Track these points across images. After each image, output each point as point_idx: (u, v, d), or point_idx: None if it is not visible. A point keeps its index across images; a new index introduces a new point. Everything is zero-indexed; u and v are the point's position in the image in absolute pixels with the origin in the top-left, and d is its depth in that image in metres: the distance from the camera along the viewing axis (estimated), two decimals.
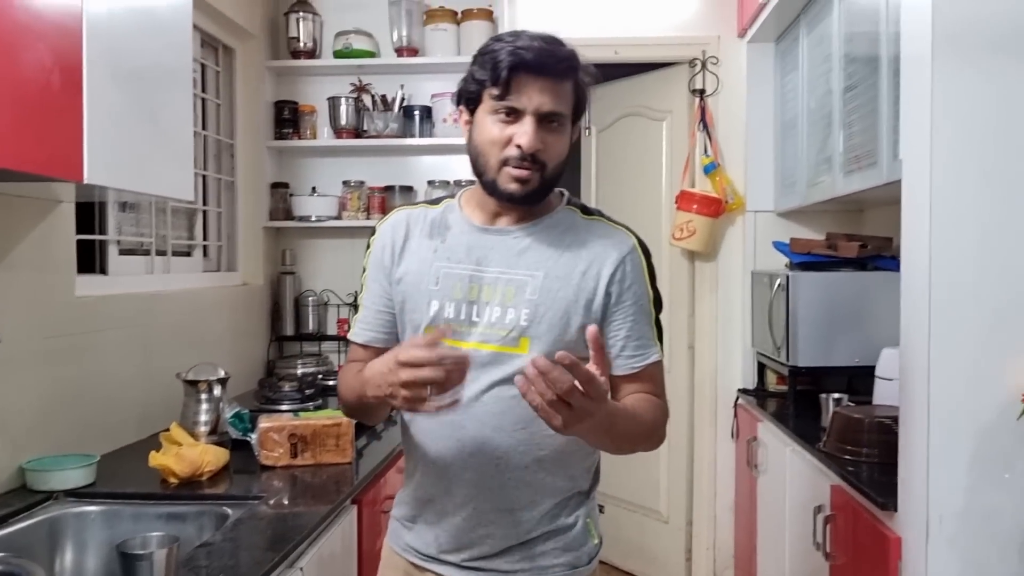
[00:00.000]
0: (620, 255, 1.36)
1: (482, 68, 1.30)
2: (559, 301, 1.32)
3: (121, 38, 1.63)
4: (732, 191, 3.38)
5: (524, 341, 1.31)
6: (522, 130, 1.28)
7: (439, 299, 1.34)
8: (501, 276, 1.34)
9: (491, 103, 1.30)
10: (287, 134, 3.38)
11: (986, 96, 1.56)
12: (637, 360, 1.37)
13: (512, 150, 1.28)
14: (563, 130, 1.33)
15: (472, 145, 1.35)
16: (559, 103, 1.30)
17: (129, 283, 2.44)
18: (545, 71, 1.28)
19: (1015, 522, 1.53)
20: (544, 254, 1.35)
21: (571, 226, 1.39)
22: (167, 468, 1.88)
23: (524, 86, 1.27)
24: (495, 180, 1.31)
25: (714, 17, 3.44)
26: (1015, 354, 1.55)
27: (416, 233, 1.41)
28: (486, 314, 1.33)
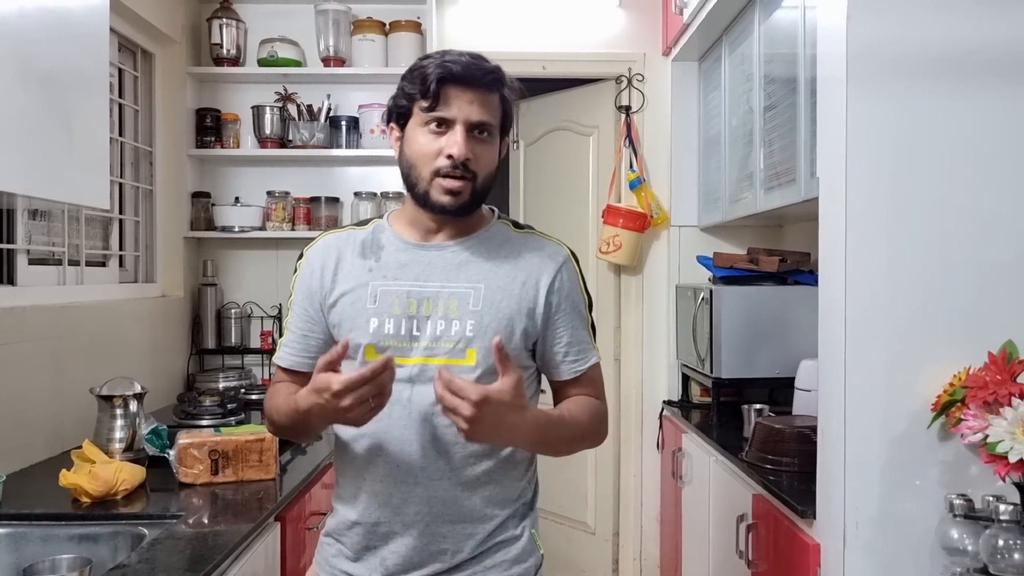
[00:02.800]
0: (557, 265, 1.41)
1: (411, 83, 1.34)
2: (502, 311, 1.35)
3: (32, 40, 1.57)
4: (657, 206, 3.44)
5: (471, 352, 1.33)
6: (453, 139, 1.31)
7: (377, 316, 1.35)
8: (442, 290, 1.35)
9: (421, 116, 1.33)
10: (209, 142, 3.30)
11: (897, 117, 1.63)
12: (579, 364, 1.42)
13: (443, 160, 1.31)
14: (492, 141, 1.36)
15: (404, 159, 1.37)
16: (487, 114, 1.33)
17: (39, 294, 2.34)
18: (473, 83, 1.32)
19: (926, 527, 1.59)
20: (483, 267, 1.37)
21: (506, 239, 1.42)
22: (79, 487, 1.80)
23: (453, 97, 1.31)
24: (427, 192, 1.33)
25: (640, 35, 3.51)
26: (925, 365, 1.61)
27: (348, 255, 1.41)
28: (427, 328, 1.34)
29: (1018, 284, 1.62)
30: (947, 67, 1.62)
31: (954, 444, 1.59)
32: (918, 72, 1.62)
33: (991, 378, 1.49)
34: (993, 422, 1.43)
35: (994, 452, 1.40)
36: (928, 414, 1.60)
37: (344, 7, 3.32)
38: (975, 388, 1.49)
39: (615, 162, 3.51)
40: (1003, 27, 1.62)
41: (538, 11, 3.49)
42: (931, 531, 1.57)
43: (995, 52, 1.62)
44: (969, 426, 1.47)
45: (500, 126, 1.38)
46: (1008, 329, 1.57)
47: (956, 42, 1.62)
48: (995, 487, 1.51)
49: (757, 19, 2.64)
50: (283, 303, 3.39)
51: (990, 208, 1.63)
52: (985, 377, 1.50)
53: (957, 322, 1.62)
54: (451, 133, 1.31)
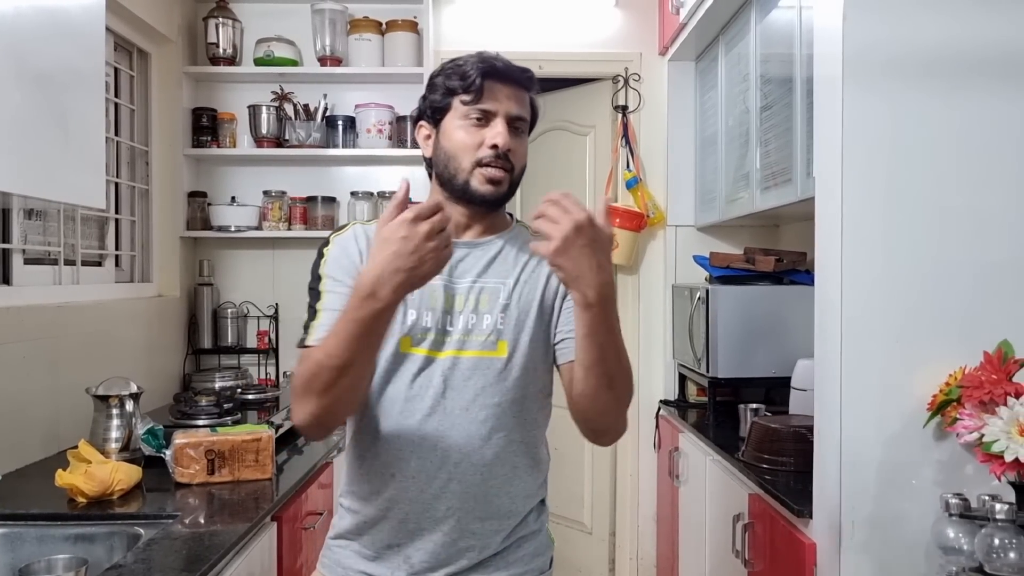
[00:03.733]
0: None
1: (451, 79, 1.36)
2: (528, 304, 1.37)
3: (28, 39, 1.56)
4: (653, 206, 3.44)
5: (502, 344, 1.34)
6: (496, 131, 1.34)
7: (416, 308, 1.33)
8: (474, 284, 1.37)
9: (462, 109, 1.35)
10: (205, 142, 3.30)
11: (892, 117, 1.63)
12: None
13: (486, 151, 1.34)
14: (525, 137, 1.41)
15: (441, 152, 1.38)
16: (523, 109, 1.39)
17: (35, 294, 2.33)
18: (512, 79, 1.38)
19: (922, 526, 1.59)
20: (511, 263, 1.40)
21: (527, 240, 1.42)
22: (75, 487, 1.80)
23: (494, 91, 1.35)
24: (467, 182, 1.35)
25: (636, 35, 3.52)
26: (921, 364, 1.62)
27: None
28: (459, 322, 1.35)
29: (1013, 283, 1.63)
30: (942, 67, 1.63)
31: (950, 443, 1.60)
32: (914, 72, 1.63)
33: (987, 378, 1.49)
34: (989, 421, 1.43)
35: (990, 451, 1.41)
36: (924, 414, 1.60)
37: (340, 7, 3.32)
38: (971, 388, 1.50)
39: (612, 162, 3.51)
40: (998, 28, 1.62)
41: (534, 11, 3.49)
42: (927, 530, 1.57)
43: (990, 53, 1.62)
44: (965, 425, 1.47)
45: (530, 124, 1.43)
46: (1003, 329, 1.57)
47: (951, 43, 1.63)
48: (990, 486, 1.51)
49: (753, 19, 2.64)
50: (280, 303, 3.39)
51: (985, 208, 1.63)
52: (981, 377, 1.50)
53: (953, 322, 1.63)
54: (493, 125, 1.35)
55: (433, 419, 1.32)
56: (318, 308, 1.34)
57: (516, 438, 1.35)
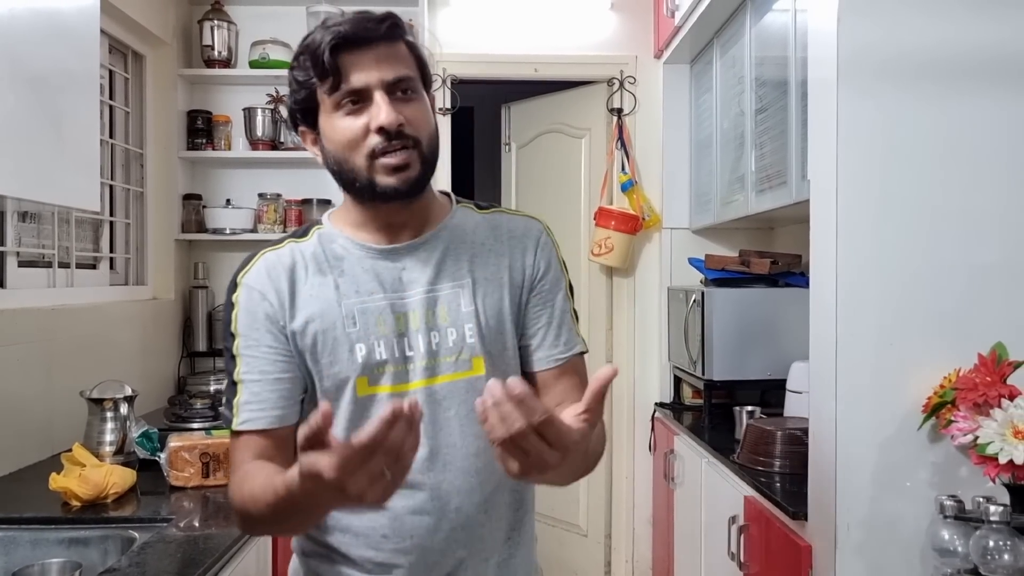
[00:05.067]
0: (535, 241, 1.24)
1: (304, 69, 1.12)
2: (496, 304, 1.18)
3: (22, 41, 1.56)
4: (649, 208, 3.44)
5: (477, 361, 1.15)
6: (376, 109, 1.09)
7: (364, 341, 1.13)
8: (427, 295, 1.16)
9: (329, 100, 1.11)
10: (200, 144, 3.29)
11: (887, 120, 1.64)
12: (566, 350, 1.22)
13: (374, 138, 1.09)
14: (420, 97, 1.14)
15: (330, 157, 1.15)
16: (402, 67, 1.12)
17: (29, 297, 2.33)
18: (371, 39, 1.10)
19: (917, 528, 1.59)
20: (463, 260, 1.19)
21: (477, 224, 1.23)
22: (69, 490, 1.79)
23: (355, 64, 1.09)
24: (371, 180, 1.11)
25: (631, 38, 3.52)
26: (915, 367, 1.62)
27: (302, 274, 1.17)
28: (420, 343, 1.14)
29: (1008, 286, 1.63)
30: (937, 70, 1.63)
31: (944, 445, 1.60)
32: (908, 75, 1.63)
33: (981, 380, 1.49)
34: (983, 424, 1.43)
35: (984, 453, 1.41)
36: (918, 416, 1.60)
37: (336, 9, 3.31)
38: (965, 390, 1.50)
39: (607, 164, 3.52)
40: (992, 31, 1.63)
41: (530, 13, 3.50)
42: (922, 532, 1.58)
43: (983, 56, 1.63)
44: (959, 428, 1.48)
45: (421, 78, 1.16)
46: (997, 331, 1.58)
47: (946, 46, 1.63)
48: (985, 488, 1.51)
49: (748, 22, 2.65)
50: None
51: (980, 210, 1.63)
52: (975, 379, 1.51)
53: (947, 324, 1.63)
54: (371, 105, 1.09)
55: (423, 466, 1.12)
56: (237, 380, 1.14)
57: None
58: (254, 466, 1.10)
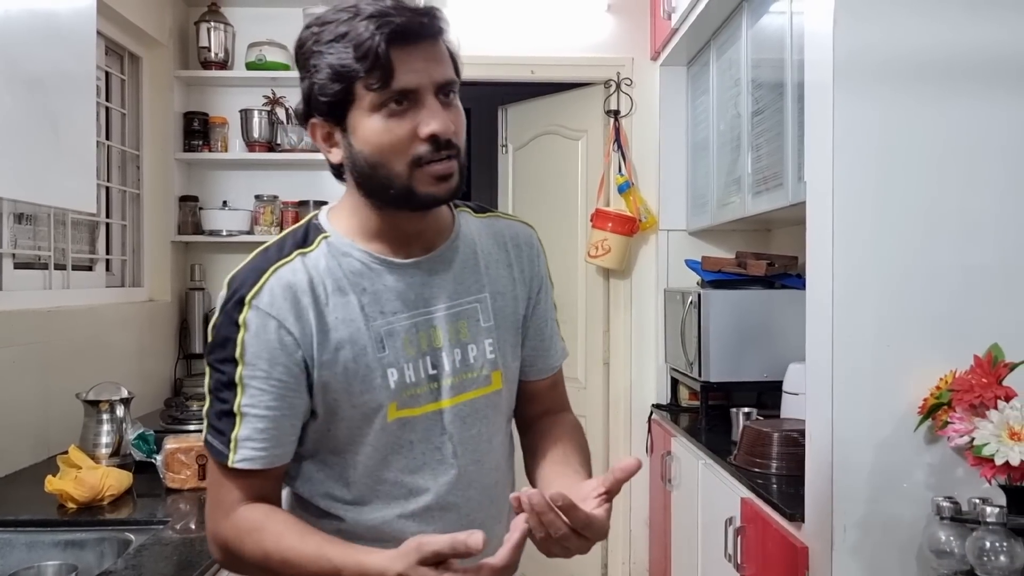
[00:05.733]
0: (533, 250, 1.23)
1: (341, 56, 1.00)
2: (509, 318, 1.17)
3: (18, 42, 1.56)
4: (645, 210, 3.45)
5: (496, 376, 1.14)
6: (427, 114, 1.01)
7: (395, 365, 1.07)
8: (448, 312, 1.11)
9: (372, 98, 1.00)
10: (197, 146, 3.29)
11: (883, 122, 1.64)
12: (554, 359, 1.26)
13: (422, 146, 1.01)
14: (458, 103, 1.07)
15: (359, 159, 1.04)
16: (447, 68, 1.04)
17: (25, 298, 2.32)
18: (424, 34, 1.01)
19: (914, 530, 1.59)
20: (477, 270, 1.15)
21: (479, 230, 1.19)
22: (65, 493, 1.79)
23: (408, 58, 0.99)
24: (410, 188, 1.03)
25: (628, 40, 3.53)
26: (911, 368, 1.62)
27: (323, 294, 1.07)
28: (445, 362, 1.10)
29: (1003, 287, 1.63)
30: (933, 72, 1.63)
31: (940, 447, 1.60)
32: (904, 77, 1.63)
33: (977, 381, 1.50)
34: (979, 425, 1.44)
35: (980, 455, 1.41)
36: (915, 417, 1.61)
37: None
38: (961, 391, 1.50)
39: (604, 166, 3.52)
40: (988, 33, 1.63)
41: (526, 15, 3.50)
42: (918, 534, 1.58)
43: (980, 58, 1.63)
44: (955, 429, 1.48)
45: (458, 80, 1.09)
46: (993, 332, 1.58)
47: (942, 48, 1.64)
48: (981, 490, 1.52)
49: (745, 24, 2.65)
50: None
51: (975, 211, 1.64)
52: (971, 380, 1.51)
53: (943, 325, 1.63)
54: (421, 106, 1.01)
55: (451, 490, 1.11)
56: (236, 412, 1.03)
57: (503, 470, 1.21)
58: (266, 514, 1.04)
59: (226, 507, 1.05)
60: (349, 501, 1.10)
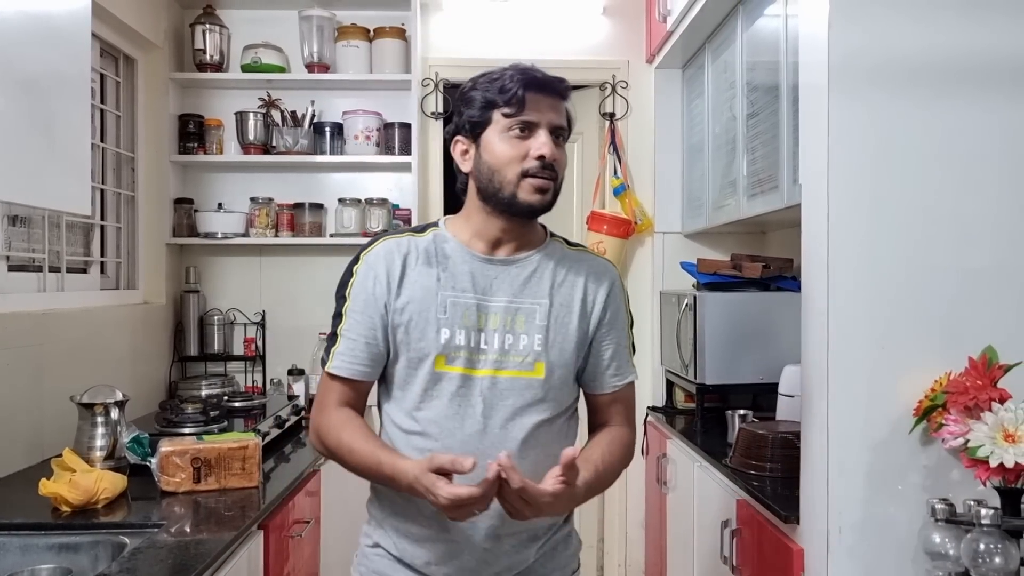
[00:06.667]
0: (610, 283, 1.48)
1: (489, 92, 1.38)
2: (565, 326, 1.42)
3: (12, 44, 1.55)
4: (641, 212, 3.45)
5: (539, 365, 1.39)
6: (540, 141, 1.36)
7: (448, 327, 1.37)
8: (509, 305, 1.40)
9: (504, 122, 1.37)
10: (192, 148, 3.29)
11: (878, 124, 1.64)
12: (618, 379, 1.49)
13: (532, 162, 1.36)
14: (564, 147, 1.43)
15: (483, 166, 1.39)
16: (563, 118, 1.41)
17: (19, 301, 2.31)
18: (552, 89, 1.40)
19: (909, 532, 1.59)
20: (547, 283, 1.43)
21: (563, 257, 1.47)
22: (59, 496, 1.78)
23: (535, 102, 1.37)
24: (514, 194, 1.37)
25: (624, 43, 3.53)
26: (906, 370, 1.62)
27: (413, 262, 1.42)
28: (495, 341, 1.38)
29: (998, 290, 1.64)
30: (927, 75, 1.64)
31: (935, 449, 1.60)
32: (899, 80, 1.64)
33: (972, 383, 1.50)
34: (974, 427, 1.44)
35: (975, 457, 1.41)
36: (910, 419, 1.61)
37: (328, 13, 3.32)
38: (956, 393, 1.51)
39: (599, 168, 3.52)
40: (982, 36, 1.64)
41: (522, 18, 3.50)
42: (913, 535, 1.58)
43: (974, 61, 1.64)
44: (950, 431, 1.48)
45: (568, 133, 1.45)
46: (988, 334, 1.58)
47: (936, 51, 1.64)
48: (976, 491, 1.52)
49: (740, 27, 2.66)
50: (267, 310, 3.37)
51: (970, 214, 1.64)
52: (966, 382, 1.51)
53: (938, 327, 1.63)
54: (537, 135, 1.36)
55: (474, 439, 1.36)
56: (339, 332, 1.42)
57: (553, 452, 1.33)
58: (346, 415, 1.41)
59: (324, 405, 1.43)
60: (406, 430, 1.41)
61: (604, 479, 1.42)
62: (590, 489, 1.36)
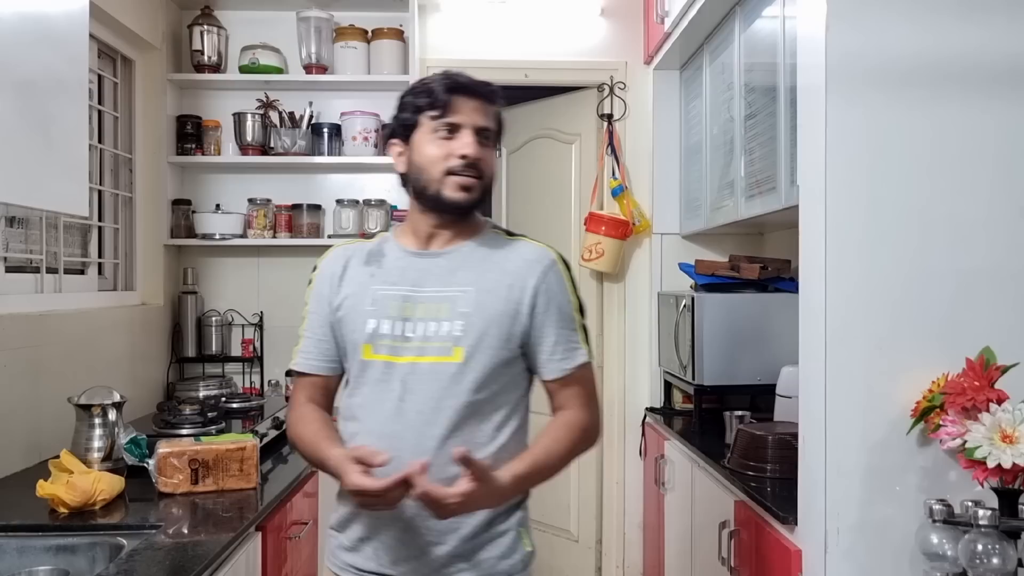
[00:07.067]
0: (543, 268, 1.49)
1: (418, 96, 1.47)
2: (488, 312, 1.44)
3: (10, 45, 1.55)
4: (639, 214, 3.45)
5: (457, 351, 1.42)
6: (464, 142, 1.44)
7: (375, 317, 1.46)
8: (436, 294, 1.46)
9: (431, 124, 1.45)
10: (190, 149, 3.28)
11: (875, 126, 1.65)
12: (566, 363, 1.49)
13: (455, 161, 1.44)
14: (492, 147, 1.51)
15: (413, 166, 1.48)
16: (489, 121, 1.49)
17: (16, 302, 2.31)
18: (477, 93, 1.47)
19: (906, 532, 1.60)
20: (474, 271, 1.47)
21: (497, 246, 1.52)
22: (56, 497, 1.78)
23: (461, 105, 1.45)
24: (440, 191, 1.45)
25: (622, 44, 3.53)
26: (904, 371, 1.63)
27: (354, 263, 1.54)
28: (420, 329, 1.44)
29: (995, 291, 1.64)
30: (924, 76, 1.64)
31: (933, 450, 1.61)
32: (896, 81, 1.64)
33: (969, 384, 1.50)
34: (971, 428, 1.44)
35: (972, 458, 1.42)
36: (907, 420, 1.61)
37: (326, 15, 3.32)
38: (953, 394, 1.51)
39: (597, 170, 3.52)
40: (978, 37, 1.64)
41: (520, 19, 3.50)
42: (911, 536, 1.58)
43: (971, 62, 1.64)
44: (948, 432, 1.48)
45: (496, 134, 1.52)
46: (985, 335, 1.58)
47: (933, 52, 1.64)
48: (974, 492, 1.52)
49: (738, 29, 2.66)
50: (264, 311, 3.37)
51: (967, 215, 1.64)
52: (963, 383, 1.51)
53: (935, 329, 1.64)
54: (461, 136, 1.44)
55: (392, 422, 1.43)
56: (300, 333, 1.56)
57: (472, 439, 1.40)
58: (307, 410, 1.54)
59: (293, 402, 1.58)
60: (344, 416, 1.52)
61: (548, 467, 1.45)
62: (525, 480, 1.40)
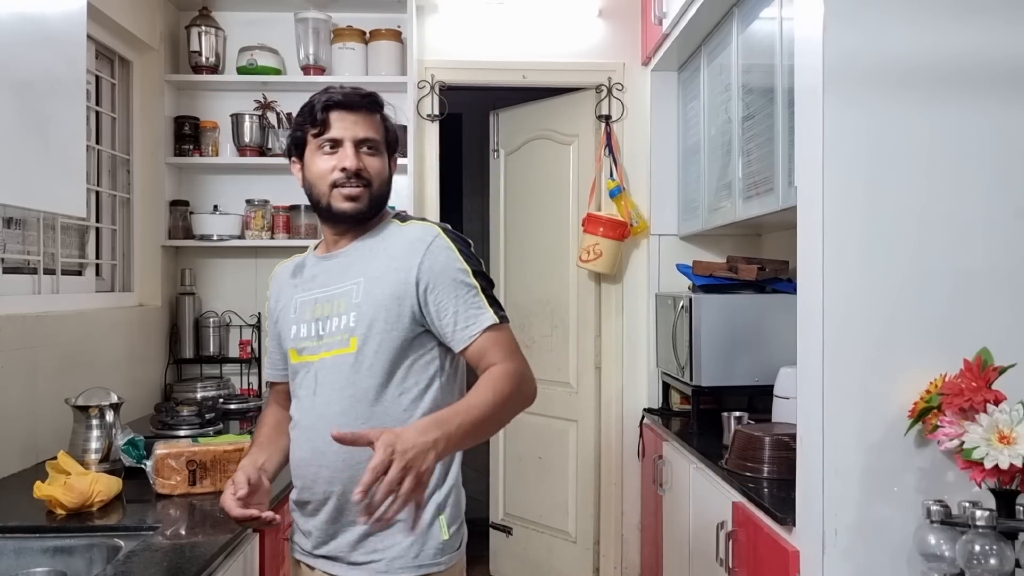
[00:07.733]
0: (425, 245, 1.52)
1: (302, 116, 1.55)
2: (377, 298, 1.50)
3: (7, 46, 1.55)
4: (637, 215, 3.45)
5: (353, 341, 1.50)
6: (343, 155, 1.52)
7: (296, 323, 1.58)
8: (336, 291, 1.54)
9: (315, 141, 1.54)
10: (187, 150, 3.28)
11: (872, 127, 1.65)
12: (474, 328, 1.48)
13: (338, 174, 1.52)
14: (380, 155, 1.56)
15: (306, 182, 1.58)
16: (371, 131, 1.54)
17: (14, 303, 2.31)
18: (354, 106, 1.53)
19: (904, 533, 1.60)
20: (364, 264, 1.54)
21: (389, 235, 1.58)
22: (54, 499, 1.78)
23: (339, 121, 1.52)
24: (330, 203, 1.54)
25: (619, 45, 3.54)
26: (902, 372, 1.63)
27: (285, 277, 1.68)
28: (328, 327, 1.53)
29: (992, 291, 1.64)
30: (921, 78, 1.65)
31: (931, 450, 1.61)
32: (893, 82, 1.64)
33: (967, 385, 1.50)
34: (969, 429, 1.44)
35: (970, 458, 1.42)
36: (905, 421, 1.61)
37: (324, 16, 3.32)
38: (951, 395, 1.51)
39: (595, 171, 3.52)
40: (975, 38, 1.65)
41: (518, 21, 3.50)
42: (908, 537, 1.58)
43: (968, 63, 1.64)
44: (945, 432, 1.48)
45: (386, 142, 1.58)
46: (983, 336, 1.59)
47: (930, 53, 1.65)
48: (971, 493, 1.52)
49: (735, 30, 2.66)
50: (262, 312, 3.37)
51: (964, 216, 1.65)
52: (961, 384, 1.51)
53: (933, 329, 1.64)
54: (342, 150, 1.52)
55: (309, 417, 1.53)
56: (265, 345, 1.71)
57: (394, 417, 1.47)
58: (267, 412, 1.72)
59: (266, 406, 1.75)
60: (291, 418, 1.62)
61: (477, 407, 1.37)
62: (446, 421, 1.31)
